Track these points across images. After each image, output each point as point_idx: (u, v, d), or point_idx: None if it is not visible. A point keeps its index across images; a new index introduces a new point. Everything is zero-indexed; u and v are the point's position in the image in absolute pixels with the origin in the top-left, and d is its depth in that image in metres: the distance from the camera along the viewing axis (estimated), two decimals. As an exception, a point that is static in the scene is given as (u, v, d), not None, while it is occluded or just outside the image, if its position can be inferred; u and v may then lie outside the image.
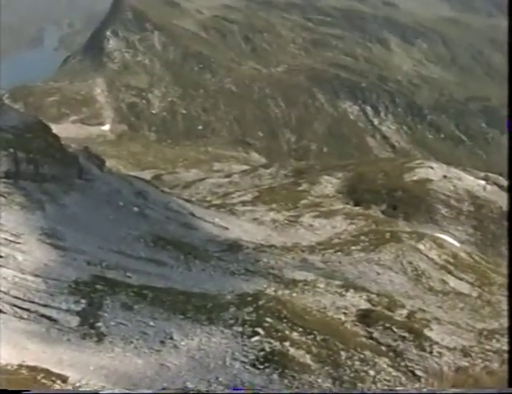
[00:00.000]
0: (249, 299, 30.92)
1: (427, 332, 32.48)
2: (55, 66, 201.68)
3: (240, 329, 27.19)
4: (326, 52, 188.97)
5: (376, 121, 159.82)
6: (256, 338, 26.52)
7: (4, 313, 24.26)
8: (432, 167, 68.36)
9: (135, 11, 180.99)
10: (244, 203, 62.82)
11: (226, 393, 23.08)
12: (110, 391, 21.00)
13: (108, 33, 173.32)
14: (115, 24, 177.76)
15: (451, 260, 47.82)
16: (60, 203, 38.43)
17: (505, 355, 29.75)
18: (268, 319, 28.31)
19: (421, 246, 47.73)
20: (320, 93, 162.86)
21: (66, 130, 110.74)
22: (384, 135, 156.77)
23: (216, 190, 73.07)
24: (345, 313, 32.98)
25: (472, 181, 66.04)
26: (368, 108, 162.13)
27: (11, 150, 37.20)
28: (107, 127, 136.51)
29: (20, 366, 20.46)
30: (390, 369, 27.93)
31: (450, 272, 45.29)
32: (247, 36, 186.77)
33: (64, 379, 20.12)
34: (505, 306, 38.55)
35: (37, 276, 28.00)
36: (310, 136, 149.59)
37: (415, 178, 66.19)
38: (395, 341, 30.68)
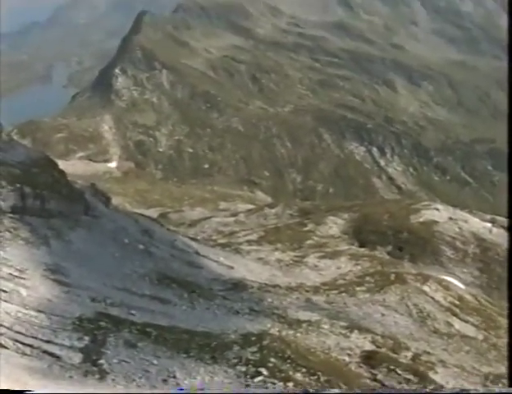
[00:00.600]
0: (253, 338, 30.68)
1: (431, 374, 32.17)
2: (63, 102, 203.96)
3: (244, 369, 26.94)
4: (333, 93, 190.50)
5: (382, 163, 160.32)
6: (259, 378, 26.26)
7: (6, 348, 24.08)
8: (437, 209, 68.34)
9: (144, 50, 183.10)
10: (249, 242, 62.77)
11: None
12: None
13: (117, 71, 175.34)
14: (124, 62, 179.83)
15: (457, 302, 47.55)
16: (65, 240, 38.39)
17: None
18: (272, 359, 28.07)
19: (426, 288, 47.50)
20: (326, 134, 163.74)
21: (73, 166, 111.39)
22: (390, 177, 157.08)
23: (221, 229, 73.08)
24: (349, 355, 32.69)
25: (478, 224, 65.92)
26: (375, 149, 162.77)
27: (18, 185, 37.25)
28: (113, 164, 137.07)
29: (22, 403, 20.28)
30: (395, 412, 27.62)
31: (455, 315, 45.00)
32: (254, 76, 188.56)
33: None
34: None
35: (40, 311, 27.85)
36: (316, 177, 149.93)
37: (421, 220, 66.12)
38: (400, 383, 30.35)
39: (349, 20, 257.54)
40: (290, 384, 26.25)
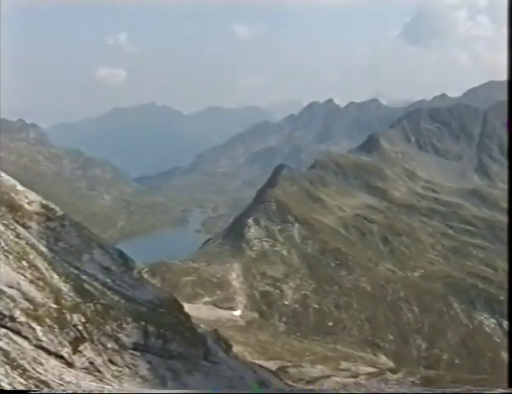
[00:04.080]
0: None
1: None
2: (195, 246, 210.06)
3: None
4: (466, 261, 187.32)
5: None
6: None
7: None
8: None
9: (279, 203, 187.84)
10: (368, 406, 61.18)
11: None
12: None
13: (250, 221, 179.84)
14: (258, 212, 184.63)
15: None
16: (182, 382, 38.84)
17: None
18: None
19: None
20: (456, 302, 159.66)
21: (197, 310, 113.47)
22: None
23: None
24: None
25: None
26: (505, 323, 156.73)
27: (143, 323, 38.43)
28: (238, 312, 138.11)
29: None
30: None
31: None
32: (386, 237, 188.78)
33: None
34: None
35: None
36: (442, 345, 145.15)
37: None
38: None
39: (486, 188, 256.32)
40: None
